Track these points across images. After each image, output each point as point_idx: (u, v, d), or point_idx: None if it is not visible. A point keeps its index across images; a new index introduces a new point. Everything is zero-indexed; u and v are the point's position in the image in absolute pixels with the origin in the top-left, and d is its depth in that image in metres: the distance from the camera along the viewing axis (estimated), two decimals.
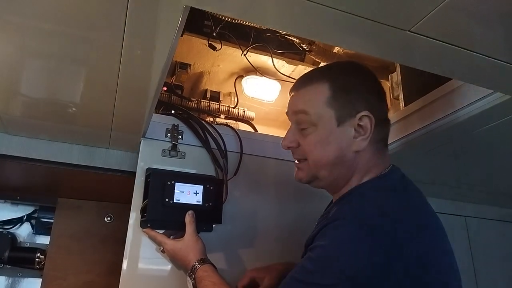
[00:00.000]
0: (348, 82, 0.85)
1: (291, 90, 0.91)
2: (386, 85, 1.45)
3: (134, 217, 1.10)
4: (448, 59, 0.71)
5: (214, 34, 1.49)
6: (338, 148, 0.82)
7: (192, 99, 1.67)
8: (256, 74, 1.66)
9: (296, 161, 0.91)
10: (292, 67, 1.64)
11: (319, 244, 0.73)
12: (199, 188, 1.12)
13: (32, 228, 1.70)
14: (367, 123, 0.82)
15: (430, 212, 0.80)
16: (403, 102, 1.20)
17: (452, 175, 1.43)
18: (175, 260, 1.05)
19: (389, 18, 0.60)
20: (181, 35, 1.44)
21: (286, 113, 0.92)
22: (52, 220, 1.59)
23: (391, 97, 1.29)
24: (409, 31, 0.62)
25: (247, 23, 1.47)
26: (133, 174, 1.16)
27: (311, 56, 1.56)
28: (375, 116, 0.82)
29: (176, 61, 1.60)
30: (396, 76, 1.27)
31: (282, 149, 1.31)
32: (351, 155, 0.83)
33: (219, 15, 1.42)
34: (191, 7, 0.61)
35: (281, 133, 1.91)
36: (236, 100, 1.76)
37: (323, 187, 0.90)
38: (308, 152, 0.85)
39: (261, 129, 1.84)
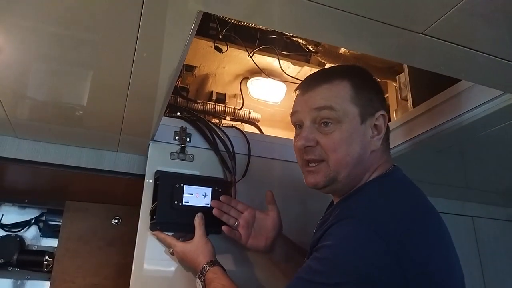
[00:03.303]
0: (365, 81, 0.87)
1: (304, 89, 0.88)
2: (393, 86, 1.45)
3: (143, 219, 1.10)
4: (460, 60, 0.71)
5: (220, 37, 1.49)
6: (360, 147, 0.82)
7: (198, 101, 1.67)
8: (261, 76, 1.66)
9: (309, 165, 0.86)
10: (297, 68, 1.64)
11: (326, 244, 0.73)
12: (208, 191, 1.12)
13: (40, 231, 1.71)
14: (382, 123, 0.84)
15: (434, 212, 0.80)
16: (411, 103, 1.20)
17: (460, 176, 1.43)
18: (185, 262, 1.05)
19: (402, 21, 0.60)
20: None
21: (294, 112, 0.89)
22: (59, 223, 1.60)
23: (399, 98, 1.29)
24: (422, 33, 0.62)
25: (252, 25, 1.47)
26: (141, 176, 1.17)
27: (317, 57, 1.56)
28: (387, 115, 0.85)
29: None
30: (404, 76, 1.27)
31: (289, 150, 1.33)
32: (368, 154, 0.83)
33: (225, 17, 1.43)
34: None
35: (286, 134, 1.93)
36: (241, 101, 1.76)
37: (334, 191, 0.88)
38: (330, 151, 0.82)
39: (267, 131, 1.85)
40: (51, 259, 1.57)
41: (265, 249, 1.08)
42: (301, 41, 1.52)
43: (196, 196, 1.11)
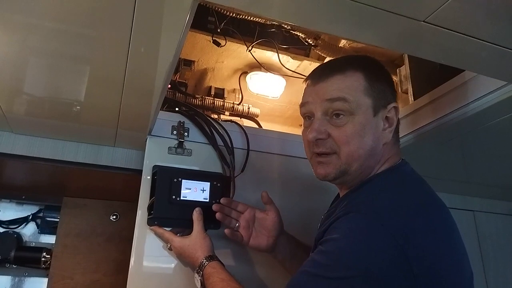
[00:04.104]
0: (377, 72, 0.85)
1: (315, 79, 0.85)
2: (393, 79, 1.44)
3: (141, 215, 1.09)
4: (463, 50, 0.70)
5: (218, 30, 1.48)
6: (373, 139, 0.80)
7: (197, 96, 1.66)
8: (260, 70, 1.65)
9: (319, 156, 0.83)
10: (297, 62, 1.63)
11: (330, 238, 0.72)
12: (206, 185, 1.11)
13: (38, 228, 1.71)
14: (393, 115, 0.83)
15: (443, 207, 0.79)
16: (412, 96, 1.19)
17: (462, 169, 1.42)
18: (183, 257, 1.04)
19: (403, 8, 0.59)
20: None
21: (304, 103, 0.86)
22: (57, 219, 1.59)
23: (400, 91, 1.28)
24: (423, 21, 0.61)
25: (251, 18, 1.45)
26: (139, 172, 1.15)
27: (317, 51, 1.55)
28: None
29: (180, 58, 1.59)
30: (405, 69, 1.26)
31: (288, 145, 1.32)
32: (380, 147, 0.82)
33: (223, 11, 1.41)
34: None
35: (286, 129, 1.92)
36: (240, 96, 1.75)
37: (343, 183, 0.86)
38: (342, 144, 0.80)
39: (266, 126, 1.84)
40: (49, 256, 1.56)
41: (267, 249, 1.06)
42: (300, 34, 1.51)
43: (194, 191, 1.10)
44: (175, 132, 1.19)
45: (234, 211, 1.09)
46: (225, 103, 1.71)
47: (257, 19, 1.46)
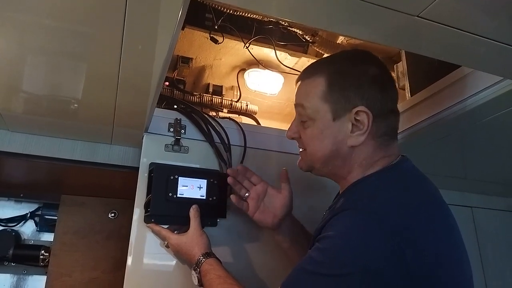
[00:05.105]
0: (346, 75, 0.83)
1: (296, 81, 0.92)
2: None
3: (138, 212, 1.09)
4: (458, 45, 0.69)
5: (216, 27, 1.47)
6: (333, 143, 0.83)
7: (195, 93, 1.66)
8: (258, 67, 1.65)
9: (300, 150, 0.94)
10: (295, 59, 1.62)
11: (327, 235, 0.72)
12: (203, 182, 1.11)
13: (36, 226, 1.71)
14: (364, 118, 0.80)
15: (441, 204, 0.78)
16: (409, 92, 1.19)
17: (459, 166, 1.42)
18: (180, 254, 1.04)
19: (397, 3, 0.59)
20: (182, 29, 1.43)
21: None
22: (55, 217, 1.59)
23: (397, 87, 1.28)
24: (418, 16, 0.61)
25: (249, 15, 1.45)
26: (136, 169, 1.15)
27: (314, 48, 1.54)
28: (375, 110, 0.80)
29: (177, 55, 1.59)
30: (402, 66, 1.26)
31: (286, 142, 1.32)
32: (346, 149, 0.82)
33: (221, 7, 1.41)
34: None
35: (284, 126, 1.90)
36: (238, 93, 1.74)
37: (326, 176, 0.91)
38: (306, 145, 0.88)
39: (264, 123, 1.83)
40: (47, 254, 1.56)
41: (272, 226, 1.07)
42: (298, 31, 1.50)
43: (191, 188, 1.09)
44: (171, 129, 1.19)
45: (247, 181, 1.10)
46: (223, 100, 1.70)
47: (254, 15, 1.46)
